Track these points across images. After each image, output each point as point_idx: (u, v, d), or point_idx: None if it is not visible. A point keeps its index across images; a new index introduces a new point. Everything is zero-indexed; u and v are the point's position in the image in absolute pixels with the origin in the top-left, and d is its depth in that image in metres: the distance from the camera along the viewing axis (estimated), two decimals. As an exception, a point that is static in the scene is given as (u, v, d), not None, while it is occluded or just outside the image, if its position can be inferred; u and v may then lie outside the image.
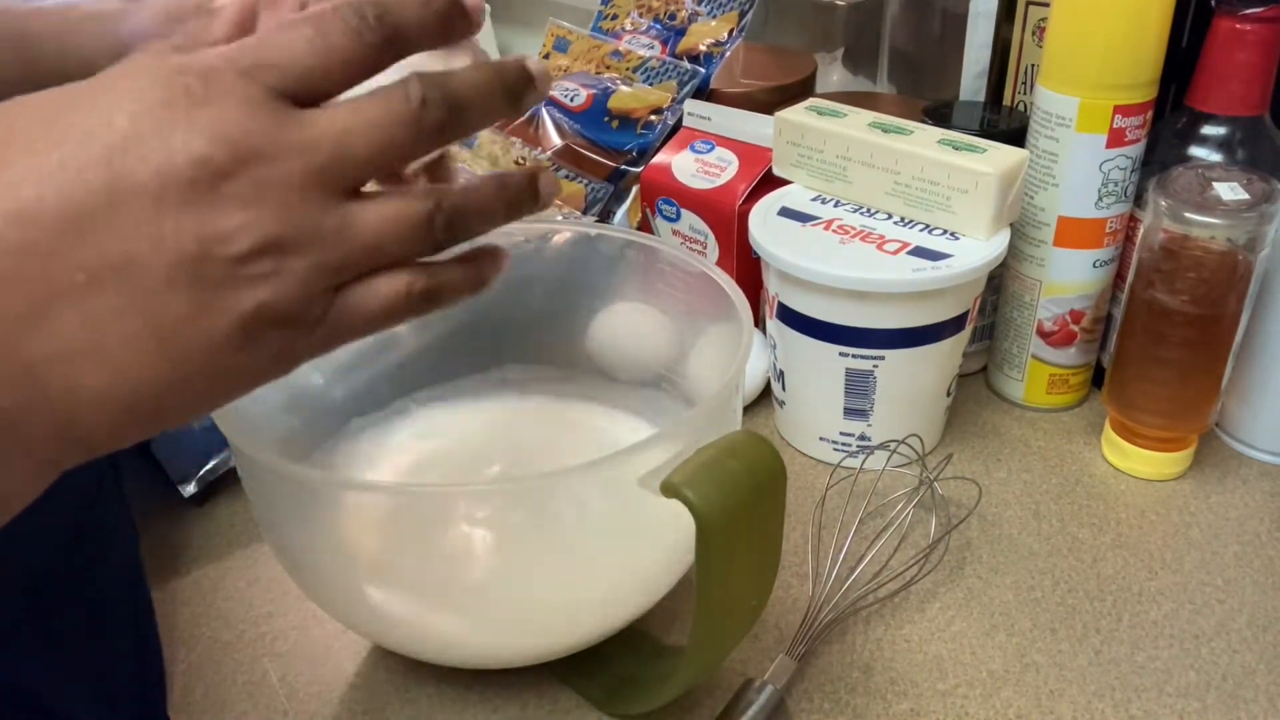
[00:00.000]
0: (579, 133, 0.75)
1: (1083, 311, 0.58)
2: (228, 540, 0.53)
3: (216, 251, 0.25)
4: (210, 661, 0.46)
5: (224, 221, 0.25)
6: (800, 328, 0.54)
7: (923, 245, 0.53)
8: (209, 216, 0.25)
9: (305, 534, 0.40)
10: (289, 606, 0.48)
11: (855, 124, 0.56)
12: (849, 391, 0.54)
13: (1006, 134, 0.57)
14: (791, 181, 0.60)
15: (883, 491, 0.54)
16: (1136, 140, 0.53)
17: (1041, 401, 0.61)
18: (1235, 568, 0.50)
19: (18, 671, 0.37)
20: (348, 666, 0.45)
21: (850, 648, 0.46)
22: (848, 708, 0.43)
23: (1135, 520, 0.53)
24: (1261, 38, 0.50)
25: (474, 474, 0.50)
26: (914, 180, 0.54)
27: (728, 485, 0.33)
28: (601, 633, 0.42)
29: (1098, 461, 0.57)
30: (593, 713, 0.43)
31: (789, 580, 0.49)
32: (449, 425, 0.52)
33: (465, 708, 0.43)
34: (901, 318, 0.52)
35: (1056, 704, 0.43)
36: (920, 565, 0.48)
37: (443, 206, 0.29)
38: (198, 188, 0.25)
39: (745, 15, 0.75)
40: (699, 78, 0.73)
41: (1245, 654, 0.45)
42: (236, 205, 0.25)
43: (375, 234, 0.27)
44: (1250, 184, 0.49)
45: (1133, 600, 0.48)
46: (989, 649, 0.45)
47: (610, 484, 0.37)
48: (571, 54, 0.80)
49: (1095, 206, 0.55)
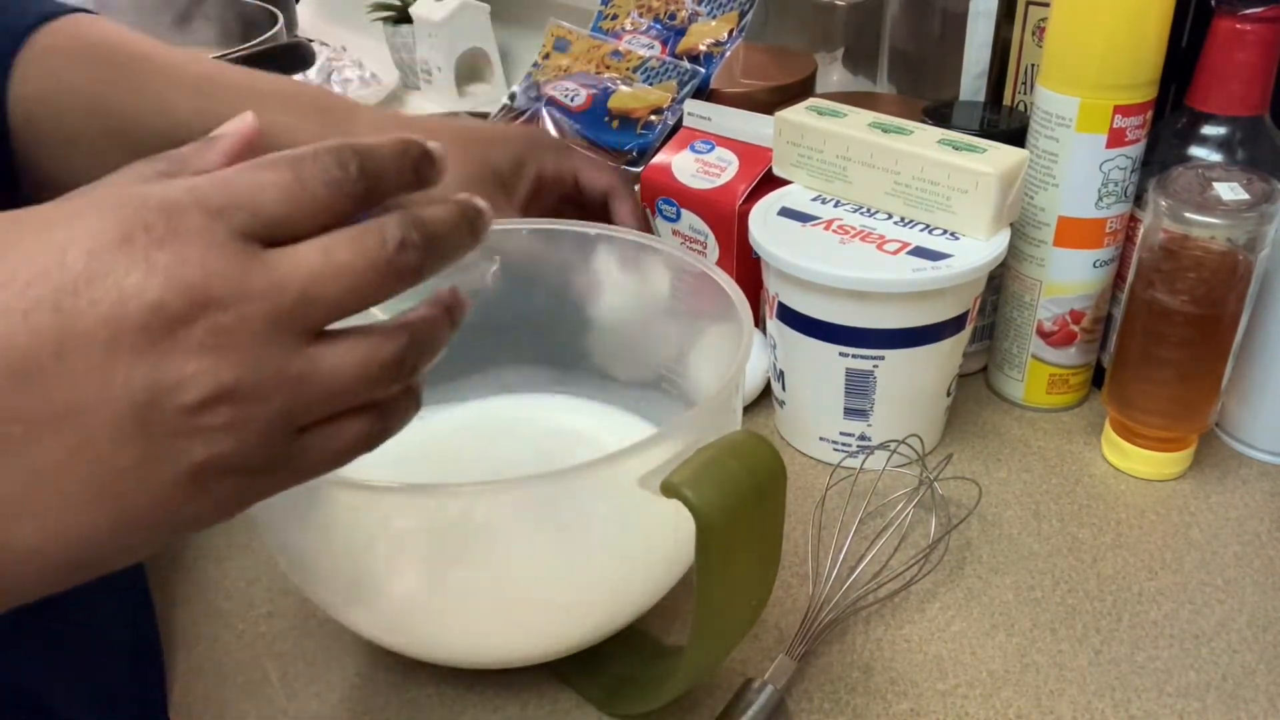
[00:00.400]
0: (579, 133, 0.75)
1: (1083, 311, 0.58)
2: (228, 540, 0.53)
3: (168, 401, 0.24)
4: (210, 661, 0.46)
5: (178, 370, 0.24)
6: (800, 328, 0.54)
7: (923, 245, 0.53)
8: (162, 364, 0.24)
9: (305, 534, 0.40)
10: (289, 606, 0.48)
11: (855, 124, 0.56)
12: (849, 391, 0.54)
13: (1006, 134, 0.57)
14: (791, 181, 0.60)
15: (883, 491, 0.54)
16: (1136, 140, 0.53)
17: (1041, 401, 0.61)
18: (1235, 568, 0.50)
19: (18, 671, 0.37)
20: (348, 666, 0.45)
21: (850, 648, 0.46)
22: (848, 708, 0.43)
23: (1135, 520, 0.53)
24: (1261, 38, 0.50)
25: (473, 475, 0.50)
26: (914, 180, 0.54)
27: (728, 485, 0.33)
28: (601, 633, 0.42)
29: (1098, 461, 0.57)
30: (593, 713, 0.43)
31: (789, 580, 0.49)
32: (449, 426, 0.52)
33: (465, 708, 0.43)
34: (901, 318, 0.52)
35: (1056, 704, 0.43)
36: (920, 565, 0.48)
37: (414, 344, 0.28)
38: (151, 334, 0.23)
39: (745, 15, 0.76)
40: (699, 78, 0.73)
41: (1245, 654, 0.45)
42: (192, 353, 0.24)
43: (342, 381, 0.26)
44: (1250, 184, 0.49)
45: (1133, 600, 0.48)
46: (989, 649, 0.45)
47: (610, 484, 0.37)
48: (571, 54, 0.80)
49: (1095, 206, 0.55)
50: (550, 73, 0.80)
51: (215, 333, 0.24)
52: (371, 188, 0.27)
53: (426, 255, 0.27)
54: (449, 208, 0.28)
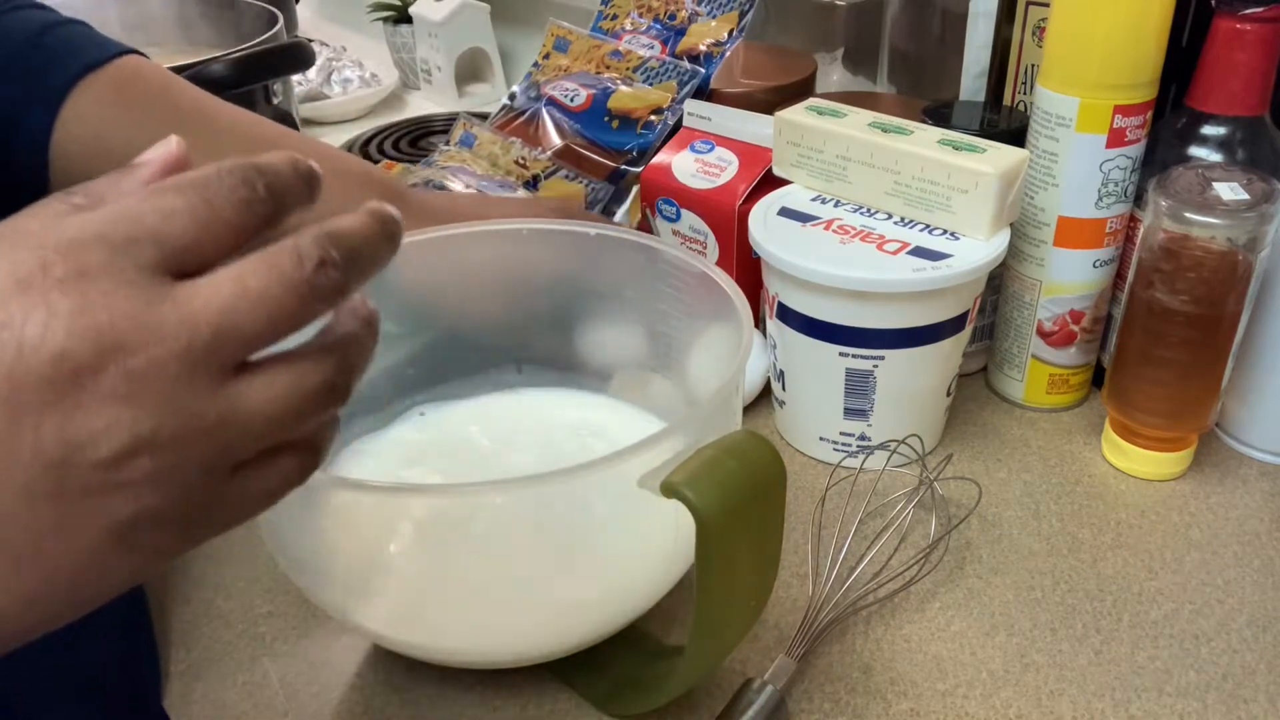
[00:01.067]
0: (579, 133, 0.75)
1: (1083, 311, 0.58)
2: (228, 540, 0.52)
3: (82, 457, 0.22)
4: (210, 661, 0.46)
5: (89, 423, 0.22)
6: (800, 328, 0.54)
7: (923, 245, 0.53)
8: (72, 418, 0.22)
9: (305, 534, 0.40)
10: (289, 606, 0.48)
11: (855, 124, 0.56)
12: (849, 391, 0.54)
13: (1006, 134, 0.57)
14: (791, 181, 0.60)
15: (883, 491, 0.54)
16: (1136, 140, 0.53)
17: (1041, 401, 0.61)
18: (1235, 568, 0.50)
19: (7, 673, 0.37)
20: (348, 666, 0.45)
21: (850, 648, 0.46)
22: (848, 708, 0.43)
23: (1135, 520, 0.53)
24: (1261, 38, 0.50)
25: (473, 475, 0.50)
26: (914, 180, 0.54)
27: (728, 485, 0.33)
28: (601, 633, 0.42)
29: (1098, 461, 0.57)
30: (593, 713, 0.43)
31: (789, 580, 0.49)
32: (449, 426, 0.52)
33: (465, 708, 0.43)
34: (901, 318, 0.52)
35: (1056, 704, 0.43)
36: (920, 565, 0.48)
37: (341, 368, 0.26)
38: (57, 387, 0.22)
39: (745, 15, 0.76)
40: (699, 78, 0.73)
41: (1245, 654, 0.45)
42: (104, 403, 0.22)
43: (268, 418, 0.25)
44: (1250, 184, 0.49)
45: (1133, 600, 0.48)
46: (989, 649, 0.45)
47: (610, 484, 0.37)
48: (571, 54, 0.80)
49: (1095, 206, 0.55)
50: (550, 73, 0.80)
51: (127, 379, 0.22)
52: (279, 206, 0.25)
53: (348, 271, 0.25)
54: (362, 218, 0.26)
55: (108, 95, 0.49)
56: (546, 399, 0.54)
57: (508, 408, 0.53)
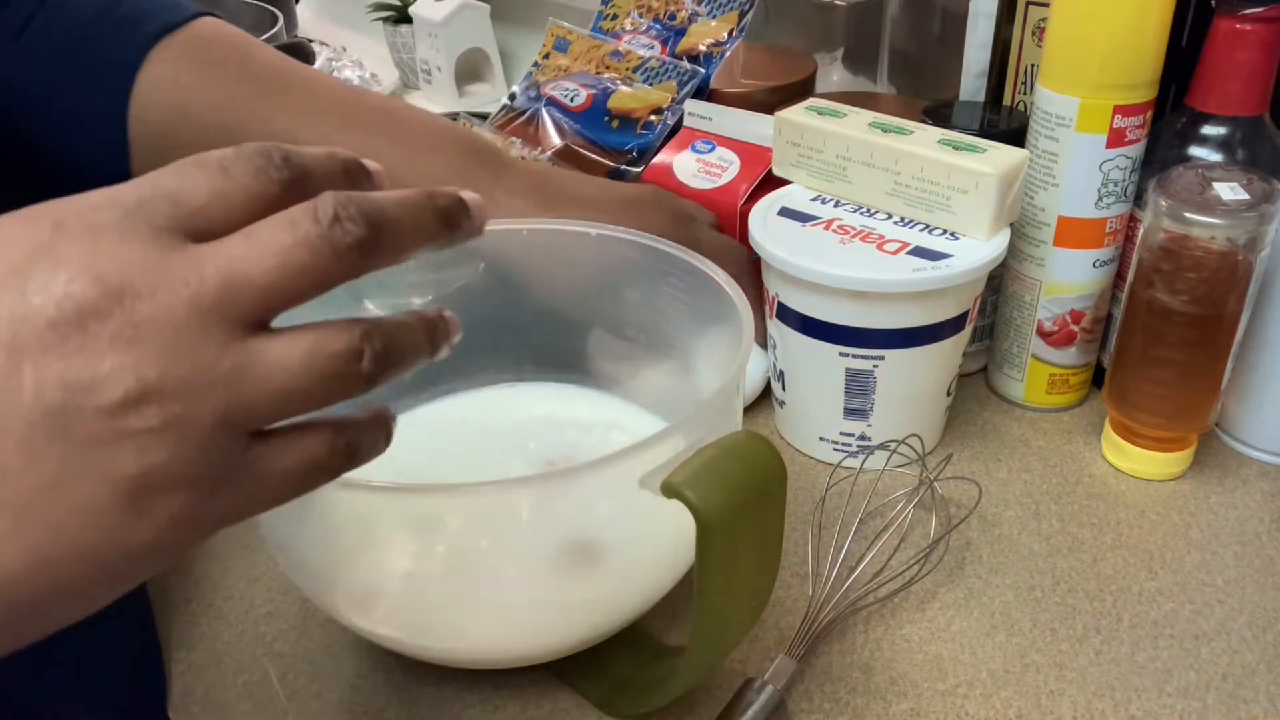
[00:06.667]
0: (579, 133, 0.75)
1: (1083, 311, 0.58)
2: (227, 540, 0.53)
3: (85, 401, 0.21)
4: (210, 661, 0.46)
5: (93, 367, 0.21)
6: (800, 328, 0.54)
7: (923, 245, 0.53)
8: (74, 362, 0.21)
9: (305, 534, 0.40)
10: (289, 606, 0.48)
11: (855, 124, 0.56)
12: (849, 391, 0.54)
13: (1006, 134, 0.57)
14: (791, 181, 0.60)
15: (883, 491, 0.54)
16: (1136, 140, 0.53)
17: (1041, 401, 0.61)
18: (1235, 568, 0.50)
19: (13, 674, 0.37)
20: (348, 666, 0.45)
21: (850, 648, 0.46)
22: (848, 708, 0.43)
23: (1135, 520, 0.53)
24: (1261, 38, 0.50)
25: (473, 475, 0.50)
26: (914, 180, 0.54)
27: (728, 485, 0.33)
28: (602, 633, 0.42)
29: (1098, 461, 0.57)
30: (593, 713, 0.43)
31: (789, 580, 0.49)
32: (449, 426, 0.52)
33: (465, 708, 0.43)
34: (901, 318, 0.52)
35: (1056, 704, 0.43)
36: (920, 565, 0.48)
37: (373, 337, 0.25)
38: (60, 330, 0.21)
39: (745, 15, 0.76)
40: (699, 78, 0.73)
41: (1245, 654, 0.45)
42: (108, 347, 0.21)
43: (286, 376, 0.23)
44: (1250, 184, 0.49)
45: (1133, 600, 0.48)
46: (989, 649, 0.45)
47: (611, 484, 0.37)
48: (571, 54, 0.80)
49: (1095, 206, 0.55)
50: (550, 73, 0.80)
51: (134, 325, 0.22)
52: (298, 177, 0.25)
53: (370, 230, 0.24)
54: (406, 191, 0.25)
55: (187, 59, 0.47)
56: (547, 399, 0.54)
57: (508, 407, 0.53)
